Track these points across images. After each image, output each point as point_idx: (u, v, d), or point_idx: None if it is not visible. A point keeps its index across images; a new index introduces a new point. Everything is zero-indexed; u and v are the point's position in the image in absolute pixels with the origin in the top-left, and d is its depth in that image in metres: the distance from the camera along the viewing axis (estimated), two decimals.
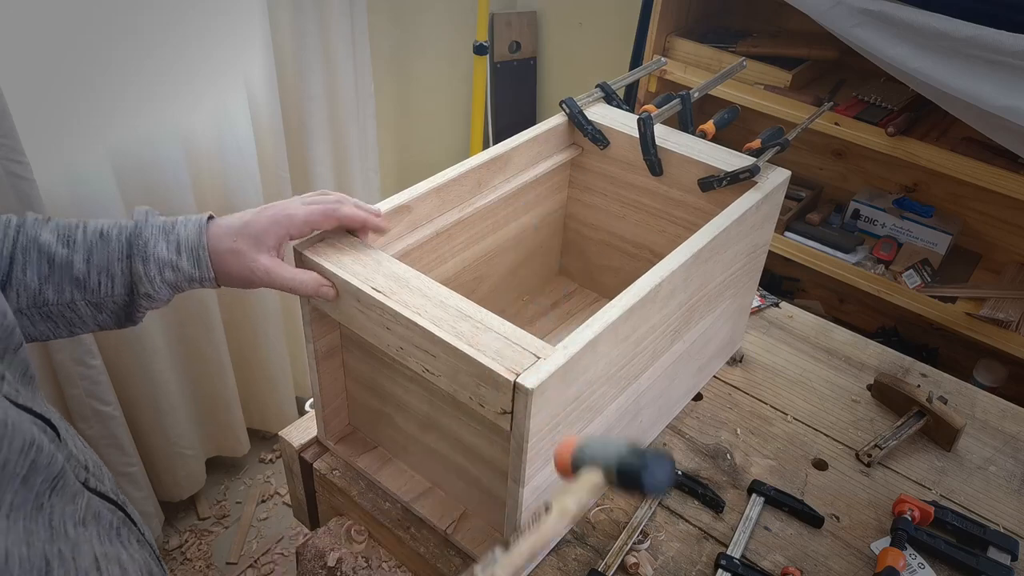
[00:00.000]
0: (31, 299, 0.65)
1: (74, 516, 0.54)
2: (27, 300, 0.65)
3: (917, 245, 1.88)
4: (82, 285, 0.66)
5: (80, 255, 0.66)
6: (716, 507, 0.88)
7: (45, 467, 0.51)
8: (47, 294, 0.65)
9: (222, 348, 1.74)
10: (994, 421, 1.03)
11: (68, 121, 1.31)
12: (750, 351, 1.11)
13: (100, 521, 0.57)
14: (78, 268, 0.66)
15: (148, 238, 0.68)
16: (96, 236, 0.67)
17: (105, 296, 0.67)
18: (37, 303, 0.65)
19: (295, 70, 1.68)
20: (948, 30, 1.35)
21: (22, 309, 0.65)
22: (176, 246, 0.68)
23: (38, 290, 0.65)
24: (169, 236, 0.69)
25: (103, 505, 0.59)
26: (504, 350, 0.65)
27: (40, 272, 0.65)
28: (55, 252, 0.65)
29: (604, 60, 2.33)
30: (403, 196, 0.85)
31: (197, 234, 0.69)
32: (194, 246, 0.69)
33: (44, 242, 0.65)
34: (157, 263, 0.68)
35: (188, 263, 0.69)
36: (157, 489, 1.75)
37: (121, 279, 0.68)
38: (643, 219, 1.06)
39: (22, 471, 0.49)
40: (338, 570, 0.86)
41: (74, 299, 0.67)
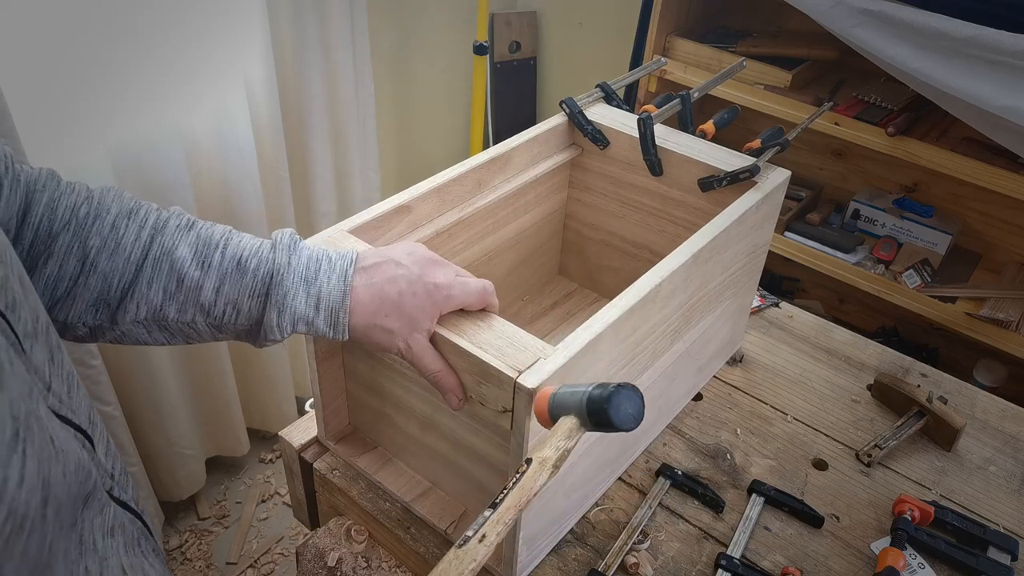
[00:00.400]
0: (152, 313, 0.62)
1: (102, 527, 0.52)
2: (147, 313, 0.62)
3: (917, 245, 1.88)
4: (206, 311, 0.63)
5: (211, 281, 0.63)
6: (716, 507, 0.88)
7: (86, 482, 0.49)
8: (168, 311, 0.63)
9: (222, 348, 1.74)
10: (994, 421, 1.03)
11: (68, 121, 1.31)
12: (750, 351, 1.11)
13: (125, 532, 0.56)
14: (206, 295, 0.63)
15: (288, 288, 0.63)
16: (233, 264, 0.63)
17: (227, 324, 0.64)
18: (157, 318, 0.63)
19: (295, 70, 1.68)
20: (948, 30, 1.36)
21: (140, 320, 0.63)
22: (316, 302, 0.64)
23: (160, 306, 0.62)
24: (311, 288, 0.64)
25: (125, 515, 0.57)
26: (505, 348, 0.65)
27: (167, 289, 0.62)
28: (187, 272, 0.62)
29: (604, 60, 2.33)
30: (403, 196, 0.85)
31: (340, 294, 0.64)
32: (335, 308, 0.64)
33: (179, 258, 0.62)
34: (292, 316, 0.63)
35: (324, 324, 0.64)
36: (157, 489, 1.75)
37: (247, 315, 0.64)
38: (643, 219, 1.06)
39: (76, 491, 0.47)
40: (338, 570, 0.86)
41: (195, 320, 0.63)
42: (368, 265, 0.66)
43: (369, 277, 0.65)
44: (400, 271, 0.66)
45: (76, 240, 0.61)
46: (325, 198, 1.87)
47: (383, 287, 0.65)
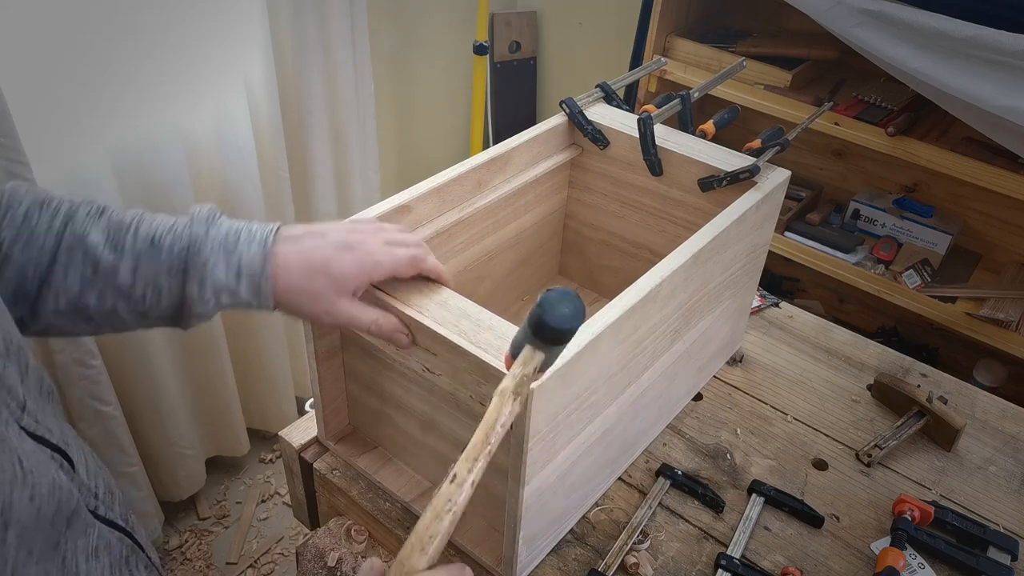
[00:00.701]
0: (71, 302, 0.61)
1: (86, 549, 0.52)
2: (66, 303, 0.60)
3: (917, 245, 1.88)
4: (126, 295, 0.61)
5: (127, 263, 0.61)
6: (716, 507, 0.88)
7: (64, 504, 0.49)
8: (88, 299, 0.61)
9: (222, 348, 1.74)
10: (994, 421, 1.03)
11: (68, 121, 1.31)
12: (750, 351, 1.11)
13: (111, 552, 0.55)
14: (123, 277, 0.61)
15: (207, 257, 0.61)
16: (147, 243, 0.61)
17: (150, 308, 0.62)
18: (78, 307, 0.61)
19: (295, 70, 1.68)
20: (948, 30, 1.36)
21: (61, 310, 0.61)
22: (236, 270, 0.62)
23: (79, 294, 0.60)
24: (231, 257, 0.62)
25: (112, 534, 0.56)
26: (505, 348, 0.65)
27: (83, 276, 0.60)
28: (101, 256, 0.60)
29: (604, 60, 2.33)
30: (403, 196, 0.85)
31: (261, 260, 0.62)
32: (255, 274, 0.62)
33: (92, 243, 0.60)
34: (214, 287, 0.62)
35: (247, 292, 0.62)
36: (157, 489, 1.75)
37: (168, 294, 0.62)
38: (643, 219, 1.06)
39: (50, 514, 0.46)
40: (338, 570, 0.86)
41: (116, 307, 0.62)
42: (294, 235, 0.65)
43: (295, 245, 0.64)
44: (326, 240, 0.65)
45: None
46: (325, 198, 1.87)
47: (308, 253, 0.64)
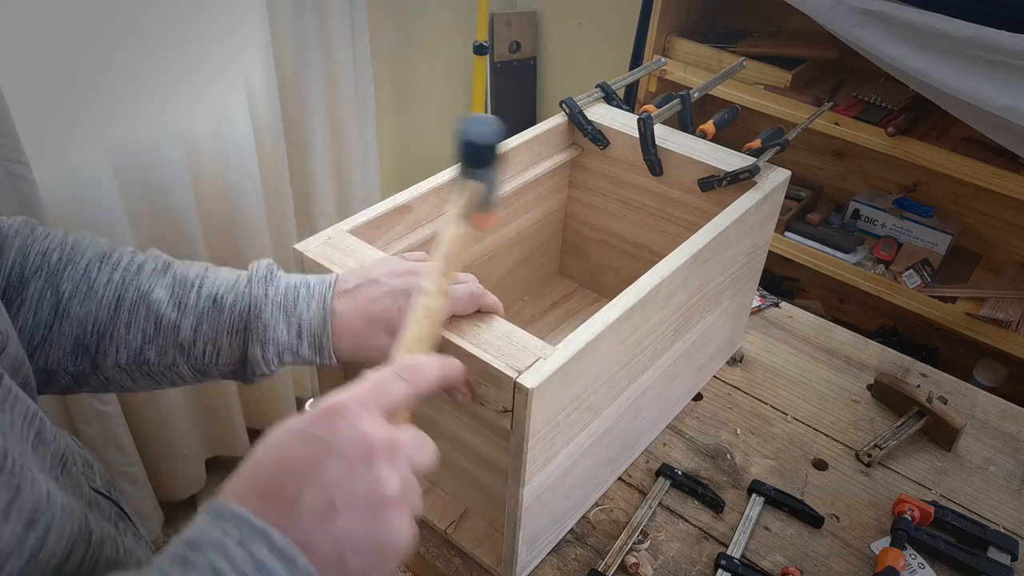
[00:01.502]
0: (132, 357, 0.62)
1: (82, 499, 0.53)
2: (127, 357, 0.62)
3: (917, 245, 1.88)
4: (186, 352, 0.62)
5: (189, 321, 0.62)
6: (716, 507, 0.88)
7: (51, 441, 0.50)
8: (148, 355, 0.62)
9: None
10: (994, 421, 1.03)
11: (68, 121, 1.31)
12: (750, 351, 1.11)
13: (101, 510, 0.57)
14: (184, 336, 0.62)
15: (268, 321, 0.62)
16: (209, 302, 0.62)
17: (209, 364, 0.63)
18: (138, 362, 0.62)
19: (295, 70, 1.68)
20: (948, 30, 1.36)
21: (121, 365, 0.62)
22: (298, 330, 0.63)
23: (139, 350, 0.61)
24: (291, 316, 0.62)
25: (100, 498, 0.58)
26: (505, 348, 0.65)
27: (145, 332, 0.61)
28: (164, 314, 0.61)
29: (604, 60, 2.33)
30: (403, 196, 0.85)
31: (321, 320, 0.63)
32: (317, 332, 0.63)
33: (155, 300, 0.61)
34: (276, 347, 0.62)
35: (309, 351, 0.63)
36: (157, 489, 1.75)
37: (228, 352, 0.63)
38: (643, 219, 1.06)
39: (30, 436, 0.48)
40: None
41: (176, 363, 0.63)
42: (350, 288, 0.65)
43: (352, 299, 0.64)
44: (383, 289, 0.64)
45: (48, 286, 0.60)
46: (325, 198, 1.87)
47: (367, 308, 0.64)
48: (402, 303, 0.63)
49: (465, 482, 0.83)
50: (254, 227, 1.66)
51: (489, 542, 0.82)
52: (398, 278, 0.65)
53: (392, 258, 0.70)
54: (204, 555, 0.39)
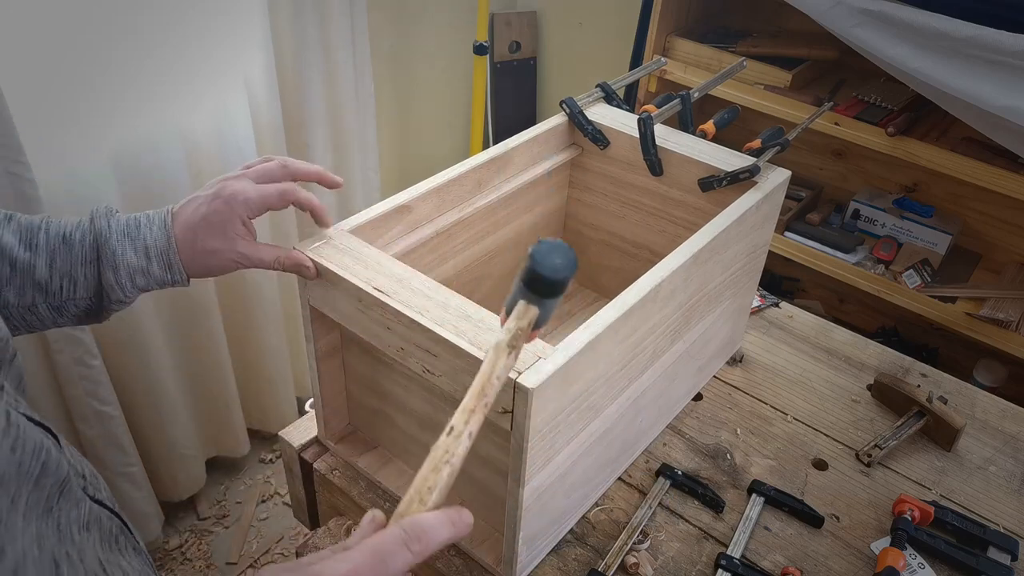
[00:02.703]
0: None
1: (79, 520, 0.54)
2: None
3: (917, 245, 1.88)
4: (44, 289, 0.66)
5: (43, 259, 0.66)
6: (716, 507, 0.88)
7: (54, 471, 0.50)
8: (7, 296, 0.65)
9: (222, 348, 1.74)
10: (994, 421, 1.03)
11: (68, 121, 1.31)
12: (750, 351, 1.11)
13: (101, 527, 0.57)
14: (40, 272, 0.66)
15: (115, 246, 0.67)
16: (59, 240, 0.67)
17: (67, 300, 0.67)
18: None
19: (295, 70, 1.68)
20: (948, 30, 1.36)
21: None
22: (144, 252, 0.68)
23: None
24: (136, 242, 0.68)
25: (102, 512, 0.59)
26: None
27: (1, 275, 0.65)
28: (17, 255, 0.65)
29: (604, 60, 2.33)
30: (403, 196, 0.85)
31: (165, 238, 0.68)
32: (163, 250, 0.68)
33: (6, 244, 0.65)
34: (128, 270, 0.67)
35: (159, 268, 0.69)
36: (157, 489, 1.75)
37: (84, 284, 0.67)
38: (643, 219, 1.06)
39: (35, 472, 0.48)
40: None
41: (35, 302, 0.66)
42: (177, 210, 0.70)
43: (182, 217, 0.70)
44: (198, 200, 0.70)
45: None
46: (325, 198, 1.87)
47: (189, 217, 0.69)
48: (216, 205, 0.69)
49: (465, 482, 0.83)
50: None
51: (489, 542, 0.82)
52: (213, 186, 0.71)
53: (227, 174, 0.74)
54: None
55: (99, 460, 1.56)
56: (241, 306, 1.77)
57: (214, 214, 0.69)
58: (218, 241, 0.69)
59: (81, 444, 1.55)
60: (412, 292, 0.71)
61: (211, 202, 0.69)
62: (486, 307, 0.70)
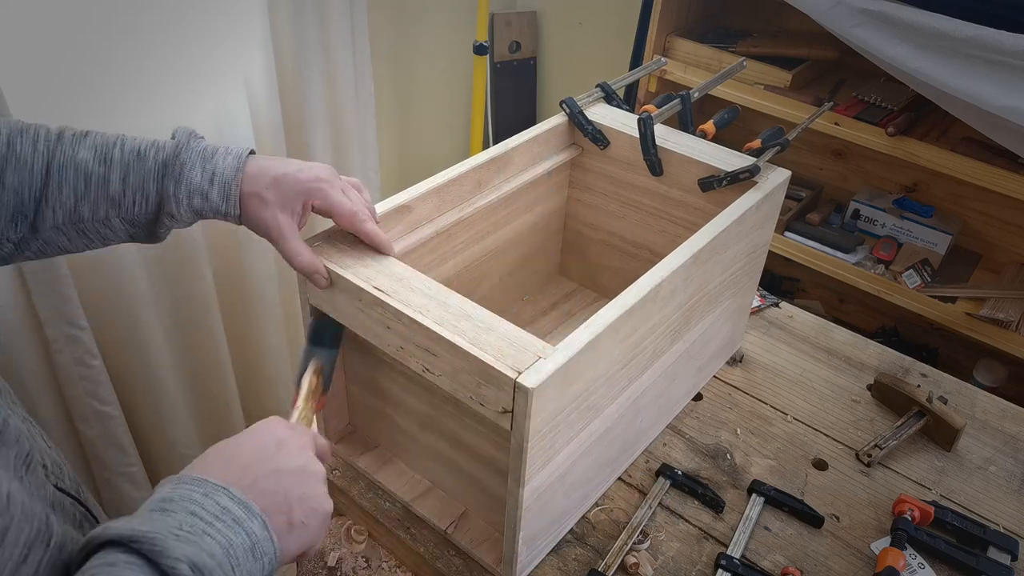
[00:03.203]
0: (67, 216, 0.66)
1: (45, 499, 0.55)
2: (63, 217, 0.66)
3: (917, 245, 1.88)
4: (117, 203, 0.67)
5: (116, 173, 0.67)
6: (716, 507, 0.88)
7: (15, 442, 0.52)
8: (83, 211, 0.66)
9: (222, 347, 1.74)
10: (994, 421, 1.03)
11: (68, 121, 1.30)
12: (750, 351, 1.11)
13: (65, 511, 0.58)
14: (114, 187, 0.67)
15: (185, 160, 0.68)
16: (133, 155, 0.68)
17: (139, 214, 0.69)
18: (73, 219, 0.67)
19: (295, 70, 1.68)
20: (948, 30, 1.35)
21: (58, 225, 0.66)
22: (211, 176, 0.68)
23: (74, 207, 0.66)
24: (207, 164, 0.69)
25: (65, 499, 0.60)
26: (505, 349, 0.65)
27: (77, 190, 0.66)
28: (92, 170, 0.66)
29: (604, 60, 2.33)
30: (403, 196, 0.85)
31: (234, 169, 0.69)
32: (228, 180, 0.69)
33: (81, 160, 0.66)
34: (187, 188, 0.68)
35: (218, 195, 0.69)
36: None
37: (155, 198, 0.68)
38: (643, 219, 1.06)
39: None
40: (338, 570, 0.86)
41: (108, 216, 0.68)
42: (267, 156, 0.72)
43: (263, 161, 0.71)
44: (290, 163, 0.71)
45: None
46: None
47: (272, 166, 0.70)
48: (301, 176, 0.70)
49: (465, 482, 0.83)
50: None
51: (489, 542, 0.82)
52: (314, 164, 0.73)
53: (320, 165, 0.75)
54: (178, 503, 0.49)
55: (99, 460, 1.56)
56: (241, 306, 1.77)
57: (290, 180, 0.70)
58: (276, 199, 0.70)
59: (81, 444, 1.54)
60: (412, 291, 0.71)
61: (300, 170, 0.71)
62: (486, 307, 0.70)
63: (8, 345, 1.35)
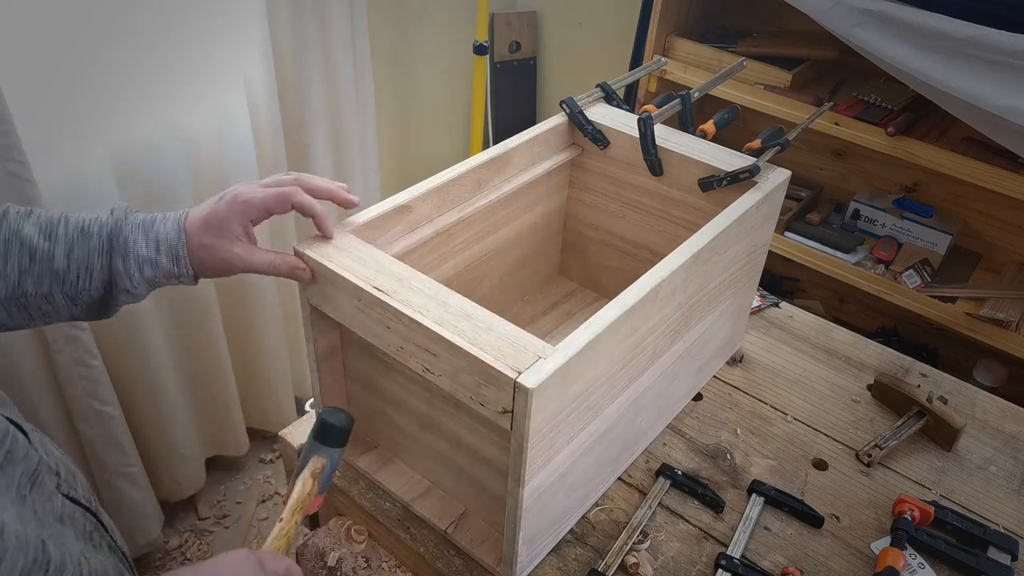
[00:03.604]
0: (10, 290, 0.67)
1: (53, 513, 0.55)
2: (5, 291, 0.66)
3: (917, 245, 1.88)
4: (61, 278, 0.68)
5: (61, 249, 0.68)
6: (716, 507, 0.88)
7: (22, 459, 0.52)
8: (26, 285, 0.67)
9: (222, 348, 1.74)
10: (994, 421, 1.03)
11: (68, 121, 1.31)
12: (750, 351, 1.11)
13: (75, 523, 0.58)
14: (59, 262, 0.67)
15: (128, 235, 0.69)
16: (77, 231, 0.69)
17: (82, 290, 0.69)
18: (15, 294, 0.67)
19: (295, 70, 1.68)
20: (948, 30, 1.35)
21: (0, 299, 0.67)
22: (156, 244, 0.70)
23: (17, 282, 0.67)
24: (148, 234, 0.70)
25: (76, 509, 0.60)
26: (505, 349, 0.65)
27: (21, 264, 0.66)
28: (37, 245, 0.67)
29: (604, 60, 2.33)
30: (403, 196, 0.85)
31: (176, 232, 0.71)
32: (173, 244, 0.70)
33: (26, 235, 0.67)
34: (137, 260, 0.69)
35: (168, 260, 0.70)
36: (157, 489, 1.75)
37: (99, 274, 0.69)
38: (643, 219, 1.06)
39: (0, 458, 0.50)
40: (338, 570, 0.86)
41: (52, 291, 0.68)
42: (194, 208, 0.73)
43: (192, 215, 0.72)
44: (211, 201, 0.73)
45: None
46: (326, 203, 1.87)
47: (198, 216, 0.72)
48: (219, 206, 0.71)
49: (465, 482, 0.83)
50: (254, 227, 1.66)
51: (489, 542, 0.82)
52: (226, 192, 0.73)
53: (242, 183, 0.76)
54: None
55: (99, 460, 1.56)
56: (241, 306, 1.77)
57: (214, 214, 0.71)
58: (216, 239, 0.71)
59: (81, 444, 1.55)
60: (412, 291, 0.71)
61: (216, 203, 0.72)
62: (486, 307, 0.70)
63: (8, 346, 1.35)
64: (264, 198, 0.72)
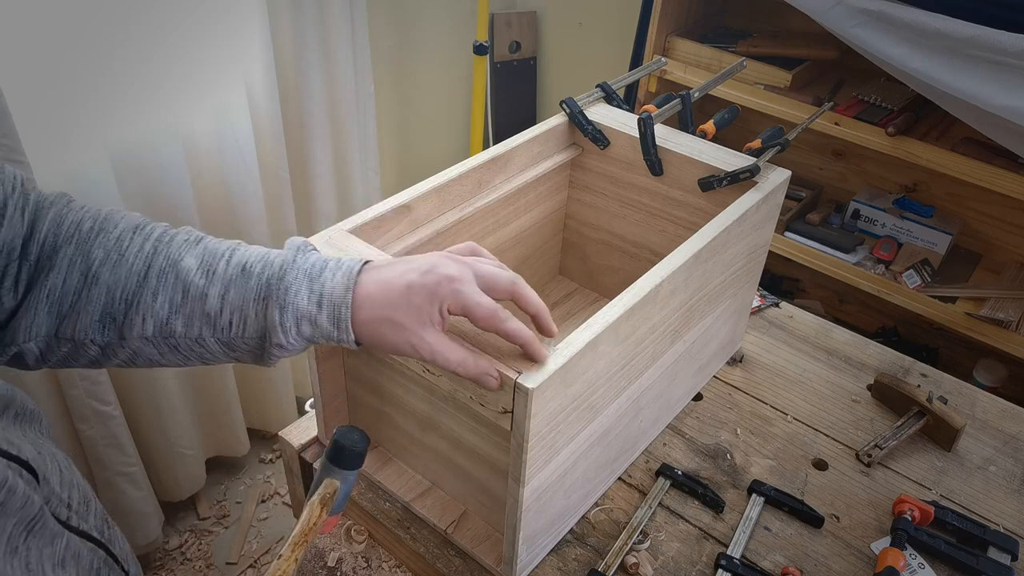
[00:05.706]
0: (158, 327, 0.60)
1: (52, 559, 0.51)
2: (154, 328, 0.60)
3: (917, 245, 1.88)
4: (212, 323, 0.60)
5: (216, 288, 0.60)
6: (716, 507, 0.88)
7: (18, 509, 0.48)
8: (175, 325, 0.60)
9: None
10: (994, 421, 1.03)
11: (68, 121, 1.31)
12: (750, 351, 1.11)
13: (80, 562, 0.55)
14: (211, 304, 0.60)
15: (290, 284, 0.60)
16: (238, 270, 0.61)
17: (235, 337, 0.61)
18: (164, 333, 0.60)
19: (295, 70, 1.68)
20: (948, 30, 1.36)
21: (147, 336, 0.60)
22: (319, 298, 0.60)
23: (166, 320, 0.60)
24: (314, 284, 0.60)
25: (84, 545, 0.56)
26: (505, 349, 0.65)
27: (172, 301, 0.60)
28: (192, 281, 0.60)
29: (604, 60, 2.33)
30: (403, 196, 0.85)
31: (344, 289, 0.60)
32: (337, 303, 0.60)
33: (184, 268, 0.60)
34: (295, 313, 0.60)
35: (328, 321, 0.60)
36: (157, 489, 1.75)
37: (254, 322, 0.60)
38: (643, 219, 1.06)
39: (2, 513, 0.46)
40: (338, 570, 0.86)
41: (203, 335, 0.61)
42: (380, 264, 0.63)
43: (379, 273, 0.61)
44: (410, 266, 0.61)
45: (79, 253, 0.60)
46: (325, 198, 1.87)
47: (391, 280, 0.61)
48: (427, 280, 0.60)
49: (465, 482, 0.83)
50: (254, 227, 1.66)
51: (489, 542, 0.82)
52: (431, 258, 0.63)
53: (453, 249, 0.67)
54: None
55: (99, 460, 1.56)
56: None
57: (417, 292, 0.60)
58: (408, 318, 0.60)
59: (81, 444, 1.55)
60: None
61: (424, 276, 0.60)
62: None
63: None
64: (476, 307, 0.60)
